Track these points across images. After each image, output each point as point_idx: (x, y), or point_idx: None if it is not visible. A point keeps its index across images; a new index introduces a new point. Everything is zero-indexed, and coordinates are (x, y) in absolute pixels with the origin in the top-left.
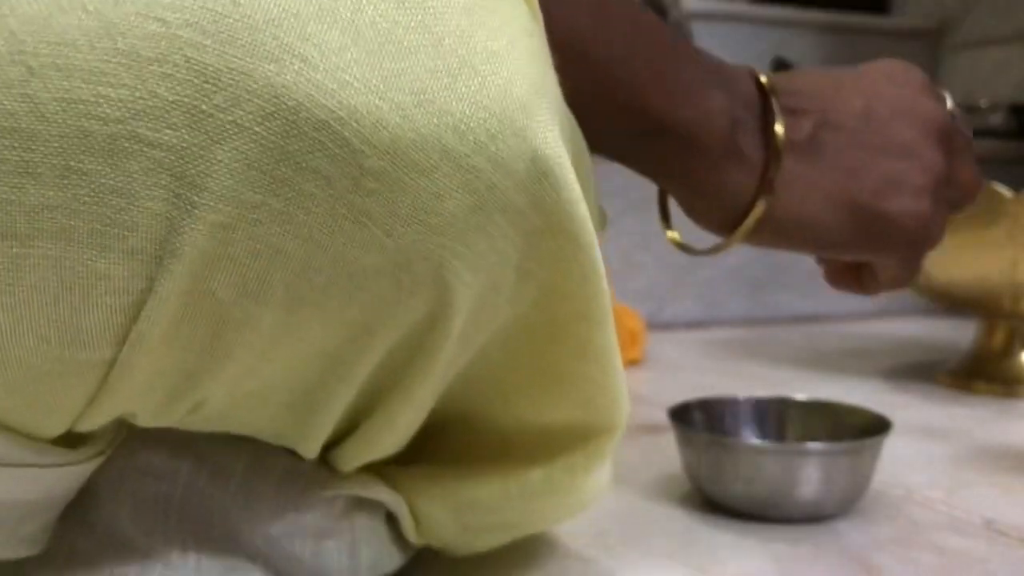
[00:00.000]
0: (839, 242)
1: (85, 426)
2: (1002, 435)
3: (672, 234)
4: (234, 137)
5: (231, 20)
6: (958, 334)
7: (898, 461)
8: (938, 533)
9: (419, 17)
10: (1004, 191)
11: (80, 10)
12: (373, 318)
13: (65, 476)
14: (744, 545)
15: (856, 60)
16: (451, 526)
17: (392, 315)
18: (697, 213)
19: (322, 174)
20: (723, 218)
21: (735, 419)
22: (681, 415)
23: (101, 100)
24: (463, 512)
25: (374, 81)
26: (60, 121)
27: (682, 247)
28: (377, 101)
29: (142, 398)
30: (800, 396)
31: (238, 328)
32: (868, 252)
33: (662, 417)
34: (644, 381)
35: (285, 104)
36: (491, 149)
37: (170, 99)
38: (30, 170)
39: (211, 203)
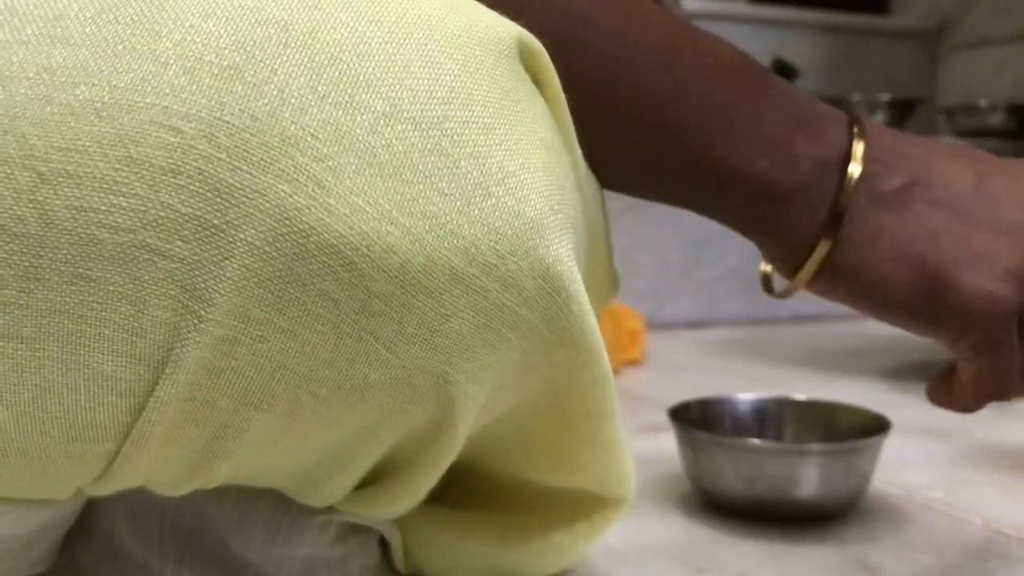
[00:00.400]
0: (900, 303)
1: (90, 493)
2: (1002, 435)
3: (765, 267)
4: (244, 255)
5: (247, 135)
6: None
7: (898, 461)
8: (938, 533)
9: (436, 139)
10: None
11: (93, 115)
12: (375, 423)
13: (72, 502)
14: (744, 545)
15: (856, 60)
16: (442, 563)
17: (394, 421)
18: (766, 252)
19: (330, 296)
20: (788, 258)
21: (735, 419)
22: (681, 415)
23: (112, 209)
24: (457, 555)
25: (387, 206)
26: (70, 228)
27: (766, 283)
28: (388, 227)
29: (146, 479)
30: (800, 396)
31: (238, 433)
32: (929, 324)
33: (662, 417)
34: (644, 381)
35: (296, 227)
36: (500, 270)
37: (182, 211)
38: (39, 275)
39: (217, 317)
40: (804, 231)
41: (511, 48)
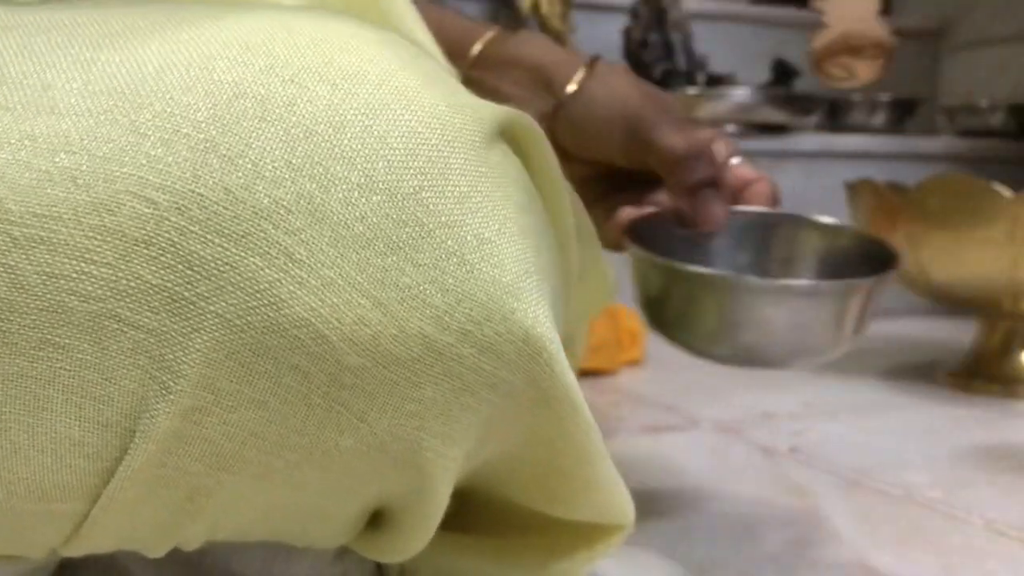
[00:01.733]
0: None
1: (64, 554)
2: (1002, 435)
3: None
4: (214, 328)
5: (220, 208)
6: (958, 334)
7: (898, 461)
8: (938, 533)
9: (411, 210)
10: (1004, 191)
11: (70, 183)
12: (351, 485)
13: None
14: (743, 545)
15: None
16: None
17: (369, 485)
18: None
19: (301, 369)
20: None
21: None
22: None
23: (83, 276)
24: (453, 574)
25: (359, 278)
26: (40, 294)
27: None
28: (360, 299)
29: (119, 541)
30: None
31: (210, 493)
32: None
33: (662, 417)
34: (644, 381)
35: (267, 300)
36: (476, 335)
37: (153, 282)
38: (6, 339)
39: (186, 388)
40: None
41: (491, 118)
